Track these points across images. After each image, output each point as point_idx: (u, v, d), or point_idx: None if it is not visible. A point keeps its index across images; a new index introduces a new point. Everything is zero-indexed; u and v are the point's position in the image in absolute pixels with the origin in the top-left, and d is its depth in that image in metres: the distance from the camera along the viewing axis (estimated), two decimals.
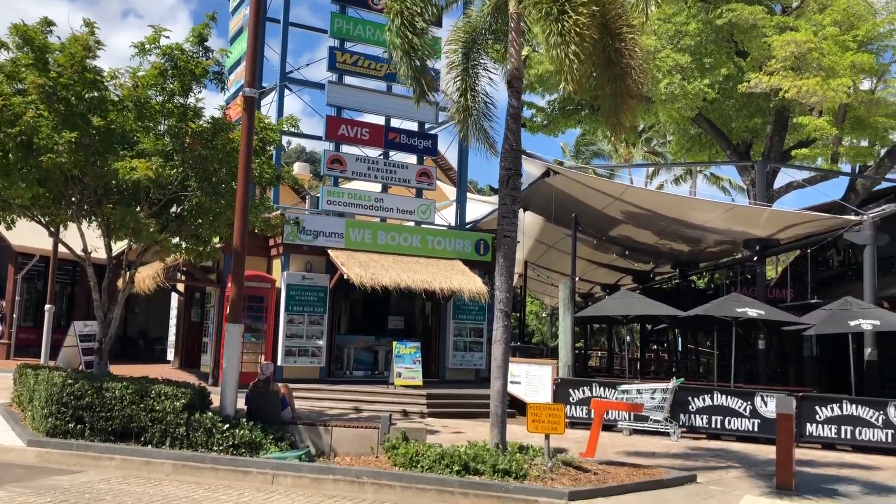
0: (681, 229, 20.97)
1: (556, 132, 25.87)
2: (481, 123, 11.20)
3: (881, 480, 11.11)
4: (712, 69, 22.52)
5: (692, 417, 14.84)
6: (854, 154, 22.74)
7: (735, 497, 9.56)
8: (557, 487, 9.14)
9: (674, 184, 44.92)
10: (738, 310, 15.60)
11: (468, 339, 19.99)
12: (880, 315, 15.26)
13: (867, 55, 20.72)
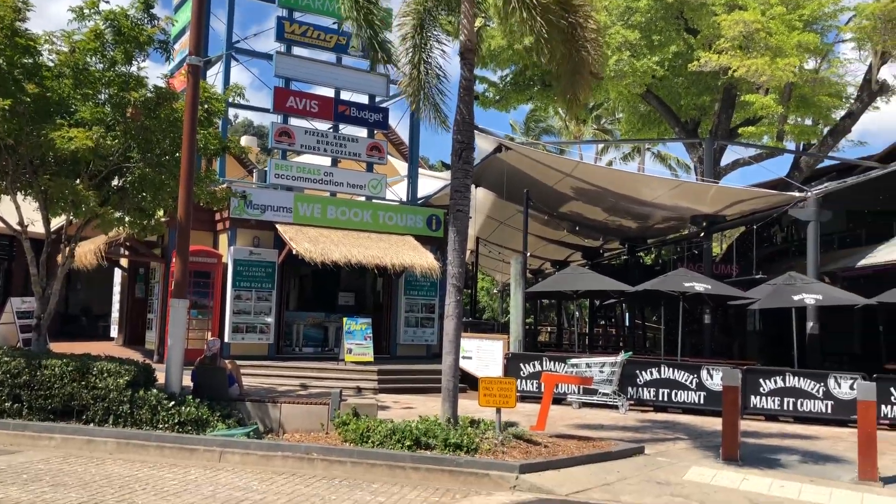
0: (630, 206, 21.15)
1: (508, 107, 25.81)
2: (434, 97, 11.03)
3: (820, 449, 11.41)
4: (662, 46, 22.69)
5: (640, 390, 15.04)
6: (799, 132, 23.18)
7: (682, 468, 9.69)
8: (508, 460, 9.15)
9: (622, 161, 45.44)
10: (686, 284, 15.81)
11: (420, 314, 19.92)
12: (823, 290, 15.62)
13: (812, 35, 21.08)
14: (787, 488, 8.86)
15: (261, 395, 12.07)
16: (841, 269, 20.72)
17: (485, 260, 30.41)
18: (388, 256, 17.67)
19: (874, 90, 21.68)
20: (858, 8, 20.77)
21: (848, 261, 21.09)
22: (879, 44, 19.99)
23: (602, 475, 9.18)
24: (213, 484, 8.37)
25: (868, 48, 20.99)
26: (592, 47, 10.69)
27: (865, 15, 19.92)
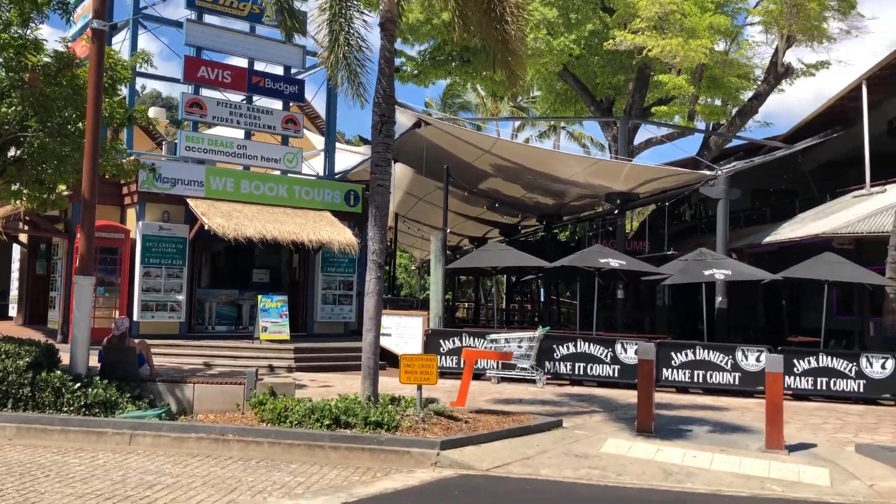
0: (547, 183, 21.35)
1: (426, 82, 25.59)
2: (354, 69, 10.72)
3: (729, 420, 11.81)
4: (579, 25, 22.87)
5: (557, 365, 15.26)
6: (709, 112, 23.83)
7: (599, 440, 9.86)
8: (429, 437, 9.11)
9: (539, 139, 45.92)
10: (602, 261, 16.09)
11: (337, 291, 19.66)
12: (731, 265, 16.16)
13: (724, 17, 21.65)
14: (700, 458, 9.13)
15: (173, 376, 11.64)
16: (747, 245, 21.51)
17: (403, 236, 30.23)
18: (305, 232, 17.33)
19: (780, 73, 22.45)
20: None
21: (754, 237, 21.90)
22: (785, 28, 20.66)
23: (522, 449, 9.25)
24: (122, 468, 8.03)
25: (775, 32, 21.67)
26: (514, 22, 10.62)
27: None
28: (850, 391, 14.12)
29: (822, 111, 23.74)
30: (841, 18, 21.31)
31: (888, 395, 14.05)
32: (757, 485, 8.23)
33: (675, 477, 8.41)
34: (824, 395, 14.24)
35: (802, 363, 14.30)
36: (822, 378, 14.23)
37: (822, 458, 9.28)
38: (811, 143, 23.08)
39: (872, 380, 14.05)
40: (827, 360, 14.28)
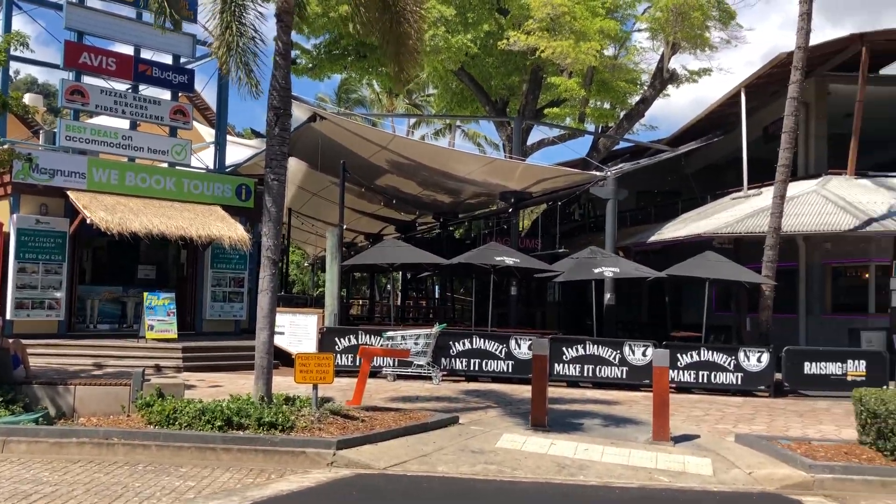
0: (443, 180, 21.47)
1: (321, 76, 25.22)
2: (246, 60, 10.40)
3: (618, 413, 12.21)
4: (475, 24, 23.08)
5: (453, 361, 15.36)
6: (598, 115, 24.53)
7: (495, 436, 9.98)
8: (325, 437, 8.98)
9: (434, 137, 46.11)
10: (497, 258, 16.31)
11: (228, 289, 19.12)
12: (620, 263, 16.71)
13: (613, 22, 22.32)
14: (591, 451, 9.38)
15: (51, 377, 11.01)
16: (634, 243, 22.31)
17: (296, 232, 29.70)
18: (194, 227, 16.76)
19: (665, 78, 23.35)
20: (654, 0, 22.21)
21: (640, 236, 22.73)
22: (671, 35, 21.50)
23: (419, 447, 9.25)
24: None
25: (661, 38, 22.52)
26: (413, 19, 10.60)
27: (660, 7, 21.31)
28: (729, 384, 14.87)
29: (703, 116, 24.91)
30: (722, 28, 22.35)
31: (763, 387, 14.87)
32: (645, 476, 8.53)
33: (568, 470, 8.61)
34: (706, 387, 14.93)
35: (685, 357, 14.94)
36: (704, 371, 14.92)
37: (704, 449, 9.71)
38: (693, 146, 24.16)
39: (749, 373, 14.83)
40: (708, 354, 14.98)
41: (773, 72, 20.65)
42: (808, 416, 12.56)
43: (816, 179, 20.67)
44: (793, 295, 20.57)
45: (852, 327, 18.64)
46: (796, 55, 16.73)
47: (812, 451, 9.22)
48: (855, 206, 18.39)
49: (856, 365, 14.74)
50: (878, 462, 8.82)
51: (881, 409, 8.96)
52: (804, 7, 16.58)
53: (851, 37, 19.43)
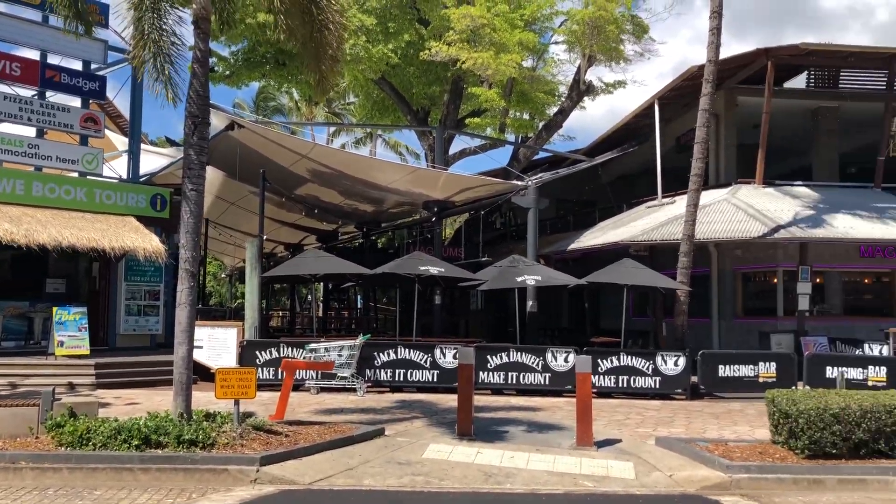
0: (366, 190, 21.36)
1: (239, 83, 24.77)
2: (167, 67, 10.08)
3: (542, 419, 12.33)
4: (396, 34, 23.10)
5: (377, 372, 15.24)
6: (518, 125, 24.88)
7: (421, 446, 9.93)
8: (248, 453, 8.76)
9: (354, 146, 45.89)
10: (422, 268, 16.29)
11: (143, 302, 18.50)
12: (541, 271, 16.93)
13: (532, 34, 22.69)
14: (517, 458, 9.44)
15: None
16: (554, 252, 22.67)
17: (213, 243, 29.04)
18: (107, 239, 16.17)
19: (582, 90, 23.87)
20: (570, 13, 22.70)
21: (560, 244, 23.12)
22: (587, 47, 22.00)
23: (345, 460, 9.12)
24: None
25: (578, 51, 23.03)
26: (335, 28, 10.51)
27: (576, 20, 21.80)
28: (647, 387, 15.23)
29: (619, 127, 25.56)
30: (636, 42, 23.01)
31: (680, 390, 15.29)
32: (570, 482, 8.63)
33: (495, 479, 8.63)
34: (625, 391, 15.26)
35: (606, 362, 15.24)
36: (624, 376, 15.25)
37: (627, 453, 9.90)
38: (610, 156, 24.76)
39: (667, 376, 15.23)
40: (627, 359, 15.31)
41: (684, 84, 21.38)
42: (724, 418, 12.97)
43: (727, 188, 21.45)
44: (706, 300, 21.28)
45: (762, 330, 19.40)
46: (707, 68, 17.34)
47: (729, 452, 9.50)
48: (763, 214, 19.15)
49: (767, 367, 15.32)
50: (790, 460, 9.17)
51: (792, 410, 9.32)
52: (714, 22, 17.21)
53: (758, 51, 20.27)
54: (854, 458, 9.13)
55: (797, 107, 22.86)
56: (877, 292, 22.01)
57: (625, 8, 22.05)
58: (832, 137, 23.27)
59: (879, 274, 21.72)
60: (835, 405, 9.15)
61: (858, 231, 18.63)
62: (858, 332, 19.25)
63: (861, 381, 14.77)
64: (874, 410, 9.17)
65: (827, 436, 9.08)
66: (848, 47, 20.70)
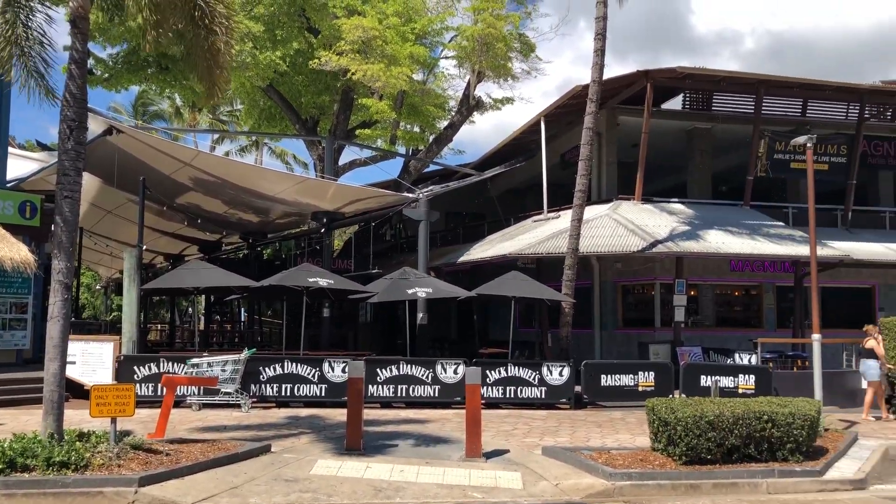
0: (251, 199, 20.86)
1: (118, 87, 23.68)
2: (38, 68, 9.52)
3: (432, 432, 12.35)
4: (284, 42, 22.72)
5: (263, 387, 14.84)
6: (409, 138, 24.95)
7: (309, 462, 9.74)
8: (126, 474, 8.34)
9: (239, 154, 44.86)
10: (310, 280, 16.03)
11: (8, 315, 17.33)
12: (432, 283, 16.99)
13: (423, 48, 22.83)
14: (407, 472, 9.40)
15: None
16: (445, 264, 22.84)
17: (88, 253, 27.63)
18: None
19: (472, 105, 24.19)
20: (461, 29, 22.99)
21: (450, 257, 23.31)
22: (477, 63, 22.33)
23: (229, 478, 8.83)
24: None
25: (467, 67, 23.31)
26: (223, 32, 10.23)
27: (466, 36, 22.10)
28: (534, 398, 15.52)
29: (507, 142, 26.10)
30: (523, 60, 23.54)
31: (565, 400, 15.67)
32: (460, 493, 8.67)
33: (384, 493, 8.56)
34: (513, 402, 15.50)
35: (494, 374, 15.43)
36: (511, 387, 15.48)
37: (515, 463, 10.05)
38: (498, 171, 25.22)
39: (552, 386, 15.58)
40: (515, 370, 15.56)
41: (569, 102, 22.06)
42: (607, 426, 13.38)
43: (609, 204, 22.23)
44: (589, 311, 21.96)
45: (641, 341, 20.18)
46: (591, 88, 17.94)
47: (612, 460, 9.80)
48: (642, 229, 19.95)
49: (646, 376, 15.92)
50: (669, 467, 9.54)
51: (671, 418, 9.72)
52: (598, 44, 17.84)
53: (638, 73, 21.17)
54: (727, 462, 9.60)
55: (674, 127, 24.01)
56: (746, 305, 23.34)
57: (513, 26, 22.54)
58: (705, 157, 24.55)
59: (748, 287, 23.04)
60: (710, 413, 9.61)
61: (729, 246, 19.69)
62: (730, 342, 20.34)
63: (732, 388, 15.57)
64: (745, 417, 9.68)
65: (703, 442, 9.51)
66: (720, 72, 21.93)
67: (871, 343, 15.27)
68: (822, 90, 22.87)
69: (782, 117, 24.02)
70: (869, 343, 15.29)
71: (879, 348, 15.28)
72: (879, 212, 24.86)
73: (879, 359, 15.23)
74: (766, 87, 22.21)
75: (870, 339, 15.33)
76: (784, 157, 22.34)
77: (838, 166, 23.04)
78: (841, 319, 22.15)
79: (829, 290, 21.84)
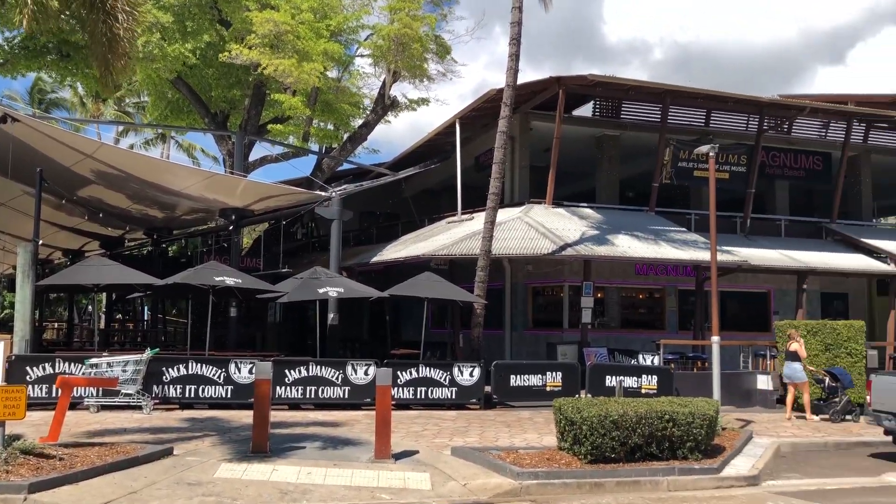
0: (157, 194, 20.18)
1: (15, 73, 22.53)
2: None
3: (341, 434, 12.21)
4: (195, 34, 22.11)
5: (166, 388, 14.37)
6: (322, 135, 24.65)
7: (213, 465, 9.49)
8: (15, 480, 7.92)
9: (144, 147, 43.42)
10: (217, 278, 15.64)
11: None
12: (344, 283, 16.82)
13: (337, 45, 22.60)
14: (314, 474, 9.27)
15: None
16: (357, 264, 22.66)
17: None
18: None
19: (387, 104, 24.10)
20: (377, 28, 22.87)
21: (363, 257, 23.16)
22: (392, 63, 22.24)
23: (128, 483, 8.51)
24: None
25: (383, 66, 23.19)
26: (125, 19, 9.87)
27: (382, 35, 21.98)
28: (445, 398, 15.56)
29: (422, 143, 26.13)
30: (439, 61, 23.58)
31: (475, 400, 15.78)
32: (368, 495, 8.60)
33: (291, 496, 8.41)
34: (423, 403, 15.50)
35: (405, 374, 15.39)
36: (422, 387, 15.48)
37: (424, 464, 10.04)
38: (413, 171, 25.20)
39: (463, 387, 15.66)
40: (426, 370, 15.57)
41: (484, 106, 22.25)
42: (515, 426, 13.53)
43: (521, 207, 22.53)
44: (500, 312, 22.21)
45: (550, 341, 20.53)
46: (506, 92, 18.13)
47: (519, 460, 9.92)
48: (553, 233, 20.30)
49: (553, 376, 16.19)
50: (574, 465, 9.73)
51: (577, 417, 9.91)
52: (513, 49, 18.04)
53: (550, 79, 21.53)
54: (630, 461, 9.86)
55: (584, 133, 24.54)
56: (650, 307, 24.07)
57: (429, 28, 22.55)
58: (614, 163, 25.19)
59: (652, 290, 23.77)
60: (614, 412, 9.84)
61: (635, 251, 20.25)
62: (634, 343, 20.92)
63: (636, 388, 16.02)
64: (648, 416, 9.96)
65: (607, 441, 9.74)
66: (629, 81, 22.53)
67: (794, 346, 15.99)
68: (725, 102, 23.80)
69: (687, 127, 24.89)
70: (793, 346, 16.01)
71: (802, 350, 16.00)
72: (775, 220, 26.03)
73: (802, 360, 15.93)
74: (673, 97, 22.96)
75: (793, 343, 16.05)
76: (688, 166, 23.16)
77: (738, 175, 24.02)
78: (739, 322, 23.18)
79: (728, 294, 22.78)
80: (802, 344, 16.14)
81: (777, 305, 24.41)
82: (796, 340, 16.05)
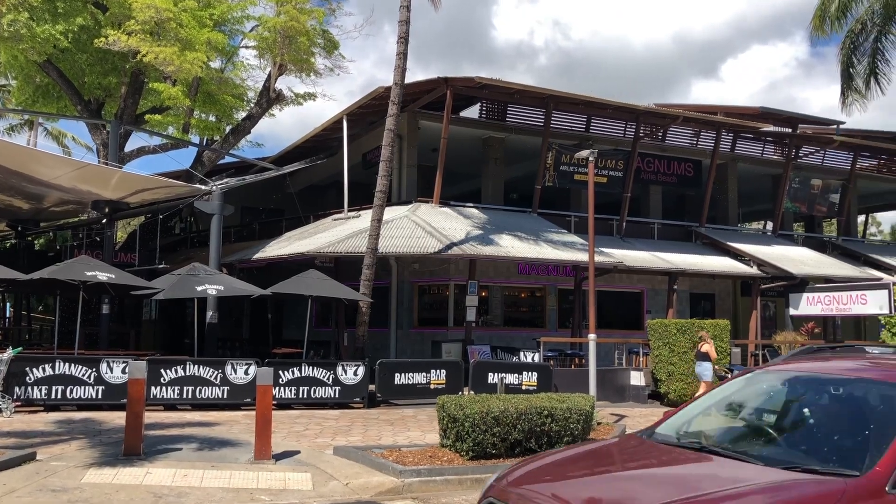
0: (22, 184, 19.03)
1: None
2: None
3: (219, 435, 11.87)
4: (67, 15, 20.92)
5: (29, 389, 13.54)
6: (204, 127, 23.85)
7: (80, 470, 9.04)
8: None
9: (8, 133, 40.74)
10: (88, 273, 14.88)
11: None
12: (224, 280, 16.36)
13: (221, 35, 21.94)
14: (191, 476, 8.98)
15: None
16: (239, 260, 22.09)
17: None
18: None
19: (272, 98, 23.58)
20: (262, 19, 22.34)
21: (245, 253, 22.62)
22: (278, 56, 21.78)
23: None
24: None
25: (268, 58, 22.68)
26: None
27: (268, 27, 21.49)
28: (328, 397, 15.40)
29: (309, 138, 25.77)
30: (326, 56, 23.26)
31: (359, 399, 15.70)
32: (247, 497, 8.40)
33: (165, 499, 8.11)
34: (306, 402, 15.29)
35: (287, 374, 15.13)
36: (305, 387, 15.25)
37: (305, 464, 9.91)
38: (298, 167, 24.81)
39: (347, 386, 15.55)
40: (309, 370, 15.35)
41: (372, 103, 22.18)
42: (399, 424, 13.56)
43: (408, 206, 22.59)
44: (386, 310, 22.20)
45: (435, 340, 20.71)
46: (394, 90, 18.13)
47: (402, 458, 9.94)
48: (439, 232, 20.47)
49: (438, 374, 16.33)
50: (456, 462, 9.84)
51: (459, 414, 10.03)
52: (401, 48, 18.06)
53: (438, 80, 21.68)
54: (510, 456, 10.06)
55: (471, 135, 24.87)
56: (531, 305, 24.67)
57: (316, 22, 22.22)
58: (499, 165, 25.67)
59: (534, 289, 24.37)
60: (496, 409, 10.02)
61: (518, 250, 20.69)
62: (516, 341, 21.40)
63: (517, 385, 16.38)
64: (528, 412, 10.20)
65: (489, 437, 9.91)
66: (514, 85, 22.98)
67: (706, 347, 16.78)
68: (605, 108, 24.66)
69: (569, 131, 25.64)
70: (704, 347, 16.79)
71: (713, 352, 16.78)
72: (649, 223, 27.22)
73: (711, 360, 16.70)
74: (556, 102, 23.58)
75: (704, 344, 16.85)
76: (569, 169, 23.86)
77: (616, 180, 24.96)
78: (615, 321, 24.10)
79: (605, 294, 23.63)
80: (713, 346, 16.98)
81: (650, 305, 25.54)
82: (707, 342, 16.90)
